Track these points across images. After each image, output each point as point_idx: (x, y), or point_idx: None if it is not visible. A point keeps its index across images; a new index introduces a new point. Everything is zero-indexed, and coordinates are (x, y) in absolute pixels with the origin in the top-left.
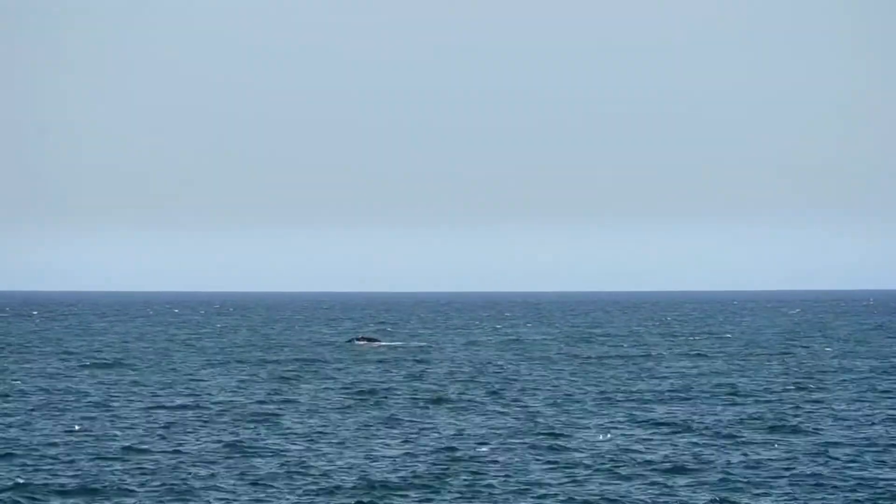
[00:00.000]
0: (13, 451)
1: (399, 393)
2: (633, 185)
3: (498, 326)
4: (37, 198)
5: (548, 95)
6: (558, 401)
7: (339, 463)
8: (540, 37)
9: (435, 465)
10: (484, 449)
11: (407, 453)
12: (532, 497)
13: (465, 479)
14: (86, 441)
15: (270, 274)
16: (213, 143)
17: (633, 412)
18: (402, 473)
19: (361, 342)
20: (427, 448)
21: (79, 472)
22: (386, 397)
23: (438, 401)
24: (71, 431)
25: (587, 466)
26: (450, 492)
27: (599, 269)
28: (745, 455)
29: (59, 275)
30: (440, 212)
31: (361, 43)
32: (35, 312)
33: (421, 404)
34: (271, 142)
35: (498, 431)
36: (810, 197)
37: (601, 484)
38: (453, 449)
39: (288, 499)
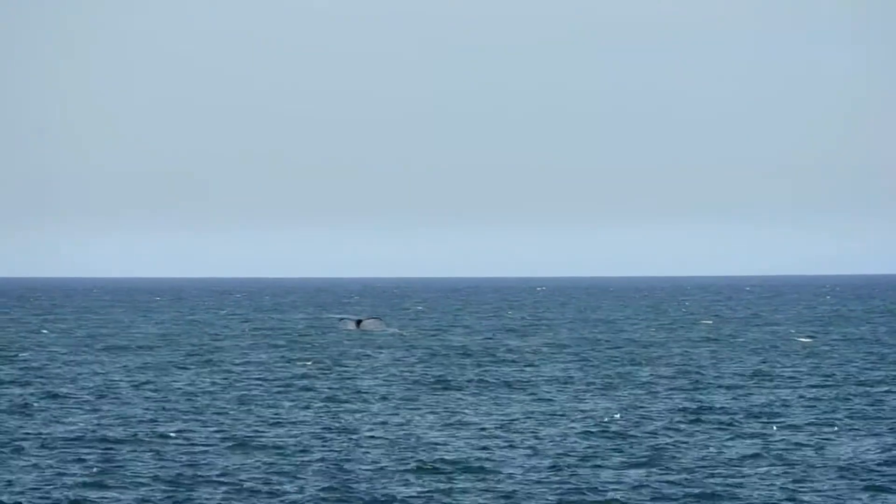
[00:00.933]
0: (49, 442)
1: (410, 378)
2: (631, 183)
3: (510, 312)
4: (37, 195)
5: (545, 95)
6: (588, 385)
7: (363, 454)
8: (538, 37)
9: (463, 452)
10: (512, 436)
11: (426, 442)
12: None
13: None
14: (116, 427)
15: (282, 264)
16: (212, 142)
17: (663, 398)
18: (429, 458)
19: (353, 324)
20: (460, 435)
21: (108, 459)
22: (397, 383)
23: (453, 386)
24: (102, 416)
25: (631, 454)
26: (491, 471)
27: (597, 259)
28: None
29: (62, 265)
30: (441, 209)
31: (363, 43)
32: (42, 297)
33: (437, 390)
34: (274, 141)
35: (521, 416)
36: (803, 194)
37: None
38: (486, 435)
39: (348, 485)
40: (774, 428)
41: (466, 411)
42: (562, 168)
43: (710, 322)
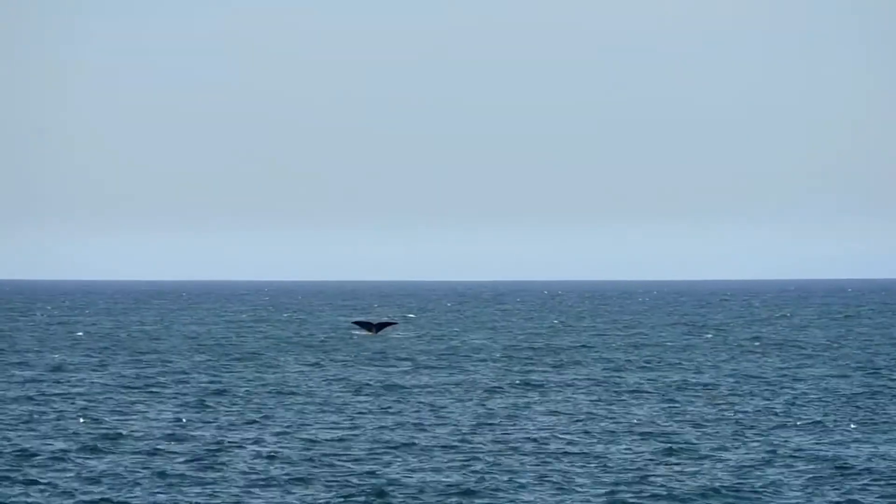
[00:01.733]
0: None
1: (442, 382)
2: (632, 185)
3: (535, 315)
4: (37, 196)
5: (545, 99)
6: (623, 389)
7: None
8: (535, 41)
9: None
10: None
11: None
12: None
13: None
14: (178, 433)
15: (290, 266)
16: (215, 143)
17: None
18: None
19: (372, 329)
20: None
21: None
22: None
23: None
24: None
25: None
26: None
27: (598, 262)
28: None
29: (61, 266)
30: (443, 213)
31: (362, 48)
32: (49, 307)
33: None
34: (277, 142)
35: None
36: (806, 195)
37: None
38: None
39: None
40: (802, 429)
41: (510, 414)
42: (566, 171)
43: (734, 327)
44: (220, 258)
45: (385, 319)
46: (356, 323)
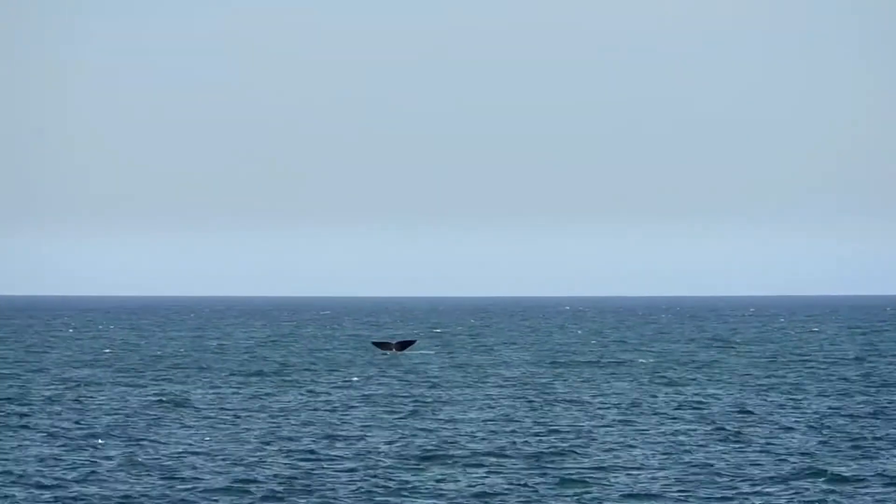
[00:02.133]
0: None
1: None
2: (634, 186)
3: (558, 330)
4: (36, 199)
5: (545, 99)
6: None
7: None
8: (534, 44)
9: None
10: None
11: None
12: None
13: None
14: (211, 453)
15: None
16: (215, 143)
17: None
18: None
19: (393, 347)
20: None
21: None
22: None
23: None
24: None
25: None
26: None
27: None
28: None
29: (59, 279)
30: (437, 215)
31: (362, 48)
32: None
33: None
34: (280, 145)
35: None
36: (809, 198)
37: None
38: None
39: None
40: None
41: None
42: (566, 172)
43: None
44: (222, 260)
45: (405, 338)
46: (375, 344)
